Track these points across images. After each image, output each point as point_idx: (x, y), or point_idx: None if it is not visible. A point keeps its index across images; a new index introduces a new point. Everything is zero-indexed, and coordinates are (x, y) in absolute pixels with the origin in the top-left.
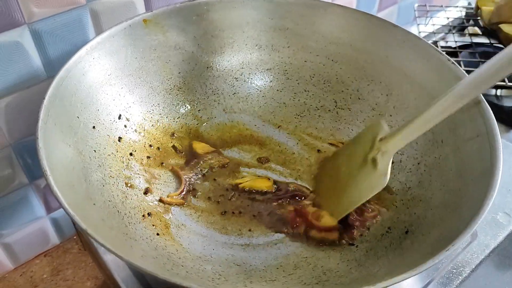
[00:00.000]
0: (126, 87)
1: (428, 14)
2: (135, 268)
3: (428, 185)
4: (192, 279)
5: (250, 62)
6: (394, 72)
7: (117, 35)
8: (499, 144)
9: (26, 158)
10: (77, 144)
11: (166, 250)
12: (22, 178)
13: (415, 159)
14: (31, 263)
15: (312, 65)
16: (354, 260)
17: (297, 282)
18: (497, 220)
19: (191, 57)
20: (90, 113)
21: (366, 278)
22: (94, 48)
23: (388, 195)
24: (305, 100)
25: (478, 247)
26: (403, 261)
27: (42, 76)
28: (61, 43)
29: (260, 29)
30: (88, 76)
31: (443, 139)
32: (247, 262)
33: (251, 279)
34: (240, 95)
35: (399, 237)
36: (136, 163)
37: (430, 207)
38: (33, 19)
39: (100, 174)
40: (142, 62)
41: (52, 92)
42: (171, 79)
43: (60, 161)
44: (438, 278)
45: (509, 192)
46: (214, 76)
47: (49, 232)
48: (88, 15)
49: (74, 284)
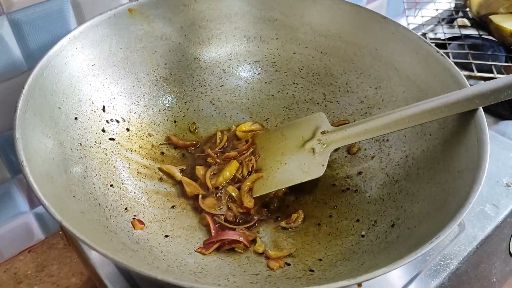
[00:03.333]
0: (111, 78)
1: (418, 6)
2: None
3: (416, 178)
4: (173, 272)
5: (238, 53)
6: (383, 64)
7: (101, 25)
8: (486, 136)
9: (8, 152)
10: (57, 135)
11: (148, 244)
12: (4, 173)
13: (403, 152)
14: (15, 259)
15: (301, 57)
16: (340, 254)
17: (281, 276)
18: (485, 212)
19: (178, 48)
20: (73, 103)
21: (351, 272)
22: (77, 37)
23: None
24: (293, 92)
25: (466, 239)
26: (388, 255)
27: (22, 68)
28: (41, 33)
29: (249, 20)
30: (71, 66)
31: (431, 132)
32: (230, 255)
33: (233, 273)
34: (227, 87)
35: (385, 231)
36: (119, 155)
37: (417, 200)
38: (12, 9)
39: (82, 166)
40: (127, 53)
41: (32, 82)
42: (157, 70)
43: (38, 152)
44: (426, 270)
45: (497, 183)
46: (201, 67)
47: (33, 227)
48: (69, 5)
49: (59, 280)
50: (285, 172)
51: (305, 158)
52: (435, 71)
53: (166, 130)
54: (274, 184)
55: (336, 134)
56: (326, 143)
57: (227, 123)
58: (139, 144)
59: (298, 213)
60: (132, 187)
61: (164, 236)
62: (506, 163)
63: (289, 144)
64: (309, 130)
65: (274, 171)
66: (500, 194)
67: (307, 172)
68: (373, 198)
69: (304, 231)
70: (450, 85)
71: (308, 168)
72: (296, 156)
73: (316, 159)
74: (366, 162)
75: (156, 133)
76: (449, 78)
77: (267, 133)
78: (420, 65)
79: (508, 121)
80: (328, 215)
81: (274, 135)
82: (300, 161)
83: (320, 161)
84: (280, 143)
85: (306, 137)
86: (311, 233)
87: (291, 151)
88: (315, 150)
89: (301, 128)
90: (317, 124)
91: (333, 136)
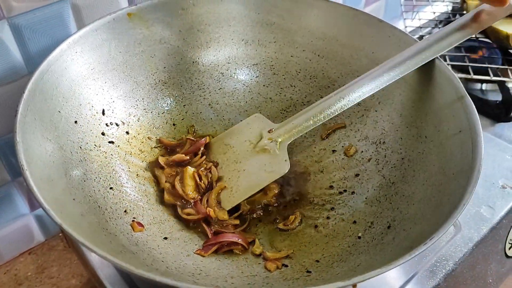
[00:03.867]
0: (110, 82)
1: (415, 8)
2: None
3: (412, 180)
4: (172, 274)
5: (237, 57)
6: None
7: (101, 29)
8: (480, 139)
9: (8, 155)
10: (58, 138)
11: (147, 246)
12: (5, 175)
13: (399, 154)
14: (15, 261)
15: (298, 60)
16: (336, 255)
17: (279, 278)
18: (481, 214)
19: (177, 52)
20: (72, 107)
21: (347, 273)
22: (77, 42)
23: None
24: (291, 95)
25: (462, 240)
26: (384, 256)
27: (22, 72)
28: (42, 38)
29: (247, 24)
30: (70, 70)
31: (427, 135)
32: (228, 257)
33: (231, 274)
34: (226, 90)
35: (381, 232)
36: (119, 158)
37: (412, 202)
38: (13, 13)
39: (82, 169)
40: (126, 57)
41: (32, 86)
42: (156, 74)
43: (39, 156)
44: (422, 271)
45: (493, 185)
46: (199, 71)
47: (34, 229)
48: (69, 9)
49: (59, 281)
50: (248, 178)
51: (263, 159)
52: (431, 74)
53: (165, 133)
54: (242, 193)
55: (285, 128)
56: (279, 139)
57: (225, 125)
58: (139, 147)
59: (295, 215)
60: (132, 189)
61: (163, 238)
62: (501, 165)
63: (239, 151)
64: (253, 133)
65: (235, 180)
66: (496, 196)
67: (272, 172)
68: (370, 200)
69: (302, 233)
70: (445, 87)
71: (271, 168)
72: (252, 161)
73: (276, 158)
74: (363, 164)
75: (155, 136)
76: (444, 81)
77: (210, 145)
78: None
79: (504, 123)
80: (325, 216)
81: (216, 146)
82: (259, 163)
83: (281, 158)
84: (226, 153)
85: (253, 140)
86: (308, 235)
87: (244, 157)
88: (270, 150)
89: (242, 134)
90: (258, 125)
91: (283, 131)
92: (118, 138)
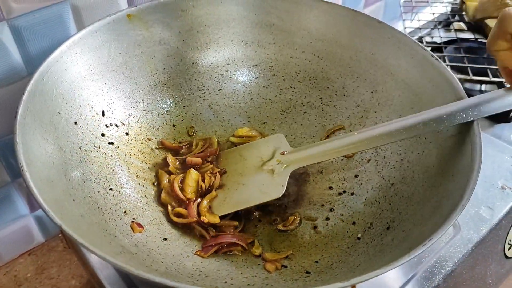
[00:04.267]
0: (110, 83)
1: (414, 10)
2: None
3: (411, 181)
4: (171, 275)
5: (236, 58)
6: (379, 69)
7: (100, 30)
8: (479, 140)
9: (8, 156)
10: (57, 139)
11: (146, 246)
12: (4, 176)
13: (398, 155)
14: (15, 262)
15: (298, 62)
16: (336, 256)
17: (278, 278)
18: (480, 214)
19: (176, 53)
20: (72, 108)
21: (346, 274)
22: (77, 43)
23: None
24: (291, 96)
25: (461, 241)
26: (383, 257)
27: (22, 73)
28: (41, 39)
29: (246, 25)
30: (70, 71)
31: (426, 136)
32: (228, 258)
33: (231, 275)
34: (225, 91)
35: (381, 233)
36: (119, 159)
37: (412, 203)
38: (12, 15)
39: (81, 170)
40: (126, 58)
41: (32, 87)
42: (156, 75)
43: (38, 157)
44: (421, 272)
45: (493, 186)
46: (199, 72)
47: (33, 230)
48: (69, 11)
49: (58, 282)
50: (243, 192)
51: (264, 179)
52: (430, 76)
53: (165, 134)
54: (233, 205)
55: (295, 155)
56: (286, 164)
57: (225, 127)
58: (138, 148)
59: (295, 216)
60: (131, 190)
61: (163, 239)
62: (501, 166)
63: (248, 165)
64: (268, 151)
65: (232, 192)
66: (495, 197)
67: (266, 193)
68: (369, 201)
69: (301, 234)
70: (444, 89)
71: (267, 189)
72: (255, 177)
73: (275, 180)
74: (362, 165)
75: (155, 137)
76: (444, 82)
77: (224, 153)
78: (416, 70)
79: (503, 124)
80: (325, 217)
81: (232, 155)
82: (259, 182)
83: (279, 182)
84: (237, 163)
85: (265, 158)
86: (307, 236)
87: (249, 172)
88: (275, 171)
89: (259, 149)
90: (276, 145)
91: (292, 157)
92: (118, 139)
